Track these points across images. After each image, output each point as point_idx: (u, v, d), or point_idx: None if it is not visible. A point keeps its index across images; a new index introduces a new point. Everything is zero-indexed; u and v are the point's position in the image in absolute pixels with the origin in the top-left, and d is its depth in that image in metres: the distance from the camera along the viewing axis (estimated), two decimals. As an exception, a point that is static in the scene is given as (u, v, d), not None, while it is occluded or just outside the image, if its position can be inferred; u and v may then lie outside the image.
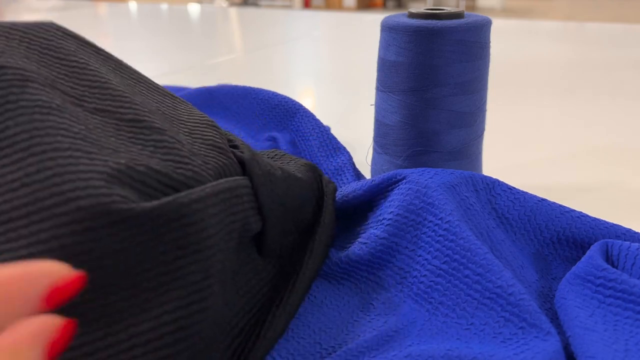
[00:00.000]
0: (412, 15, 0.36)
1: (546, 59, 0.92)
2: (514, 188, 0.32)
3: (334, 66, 0.92)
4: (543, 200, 0.32)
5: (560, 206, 0.31)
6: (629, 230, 0.30)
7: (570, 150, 0.50)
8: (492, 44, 0.37)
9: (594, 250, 0.27)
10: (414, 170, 0.32)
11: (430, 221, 0.29)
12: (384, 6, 5.26)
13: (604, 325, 0.24)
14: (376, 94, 0.39)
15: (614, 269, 0.26)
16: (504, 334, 0.24)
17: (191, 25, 1.42)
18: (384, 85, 0.37)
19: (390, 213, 0.31)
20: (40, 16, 1.53)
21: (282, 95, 0.50)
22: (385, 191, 0.33)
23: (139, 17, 1.55)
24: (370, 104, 0.41)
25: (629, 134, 0.55)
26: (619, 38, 1.10)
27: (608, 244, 0.28)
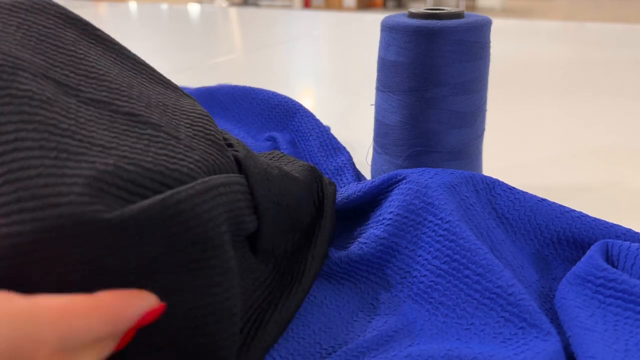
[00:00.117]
0: (412, 15, 0.36)
1: (546, 59, 0.92)
2: (514, 188, 0.32)
3: (334, 66, 0.92)
4: (543, 200, 0.32)
5: (561, 206, 0.31)
6: (629, 230, 0.30)
7: (570, 150, 0.50)
8: (492, 44, 0.37)
9: (594, 251, 0.27)
10: (414, 170, 0.32)
11: (430, 221, 0.29)
12: (384, 6, 5.26)
13: (604, 326, 0.24)
14: (376, 94, 0.39)
15: (614, 269, 0.26)
16: (504, 334, 0.24)
17: (191, 25, 1.42)
18: (384, 85, 0.37)
19: (390, 213, 0.31)
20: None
21: (282, 95, 0.50)
22: (385, 191, 0.33)
23: (139, 17, 1.55)
24: (370, 104, 0.41)
25: (629, 134, 0.55)
26: (619, 38, 1.10)
27: (608, 244, 0.28)
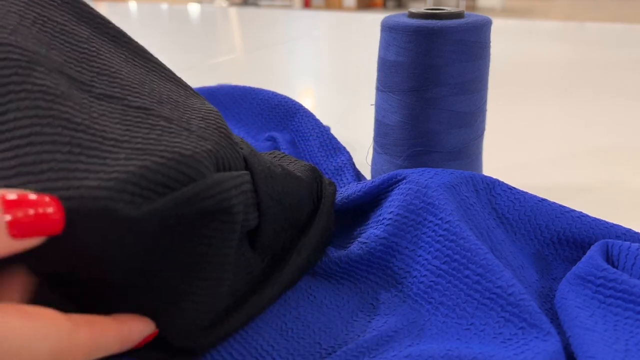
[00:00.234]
0: (412, 15, 0.36)
1: (546, 59, 0.92)
2: (514, 188, 0.32)
3: (334, 66, 0.92)
4: (543, 200, 0.32)
5: (561, 206, 0.31)
6: (629, 230, 0.30)
7: (570, 150, 0.50)
8: (492, 44, 0.37)
9: (594, 251, 0.27)
10: (414, 170, 0.32)
11: (430, 221, 0.29)
12: (384, 6, 5.26)
13: (604, 326, 0.24)
14: (376, 94, 0.39)
15: (614, 269, 0.26)
16: (504, 334, 0.24)
17: (191, 25, 1.42)
18: (384, 85, 0.37)
19: (390, 213, 0.31)
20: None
21: (282, 95, 0.50)
22: (385, 191, 0.33)
23: (139, 17, 1.55)
24: (370, 104, 0.41)
25: (629, 133, 0.54)
26: (619, 38, 1.09)
27: (608, 244, 0.28)
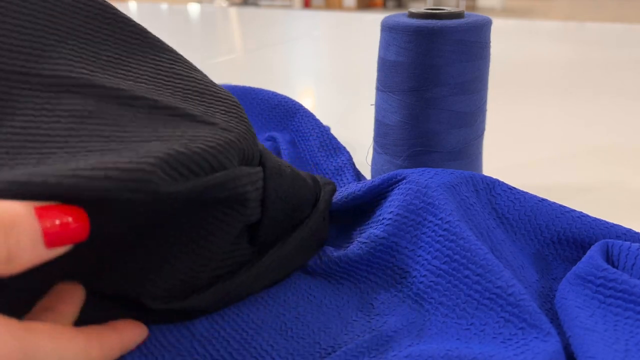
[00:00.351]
0: (412, 15, 0.36)
1: (546, 59, 0.92)
2: (514, 188, 0.32)
3: (334, 66, 0.92)
4: (543, 200, 0.32)
5: (561, 206, 0.31)
6: (629, 230, 0.30)
7: (570, 150, 0.50)
8: (492, 44, 0.37)
9: (594, 251, 0.27)
10: (414, 170, 0.32)
11: (430, 221, 0.29)
12: (384, 6, 5.26)
13: (604, 326, 0.24)
14: (376, 94, 0.39)
15: (614, 269, 0.25)
16: (504, 334, 0.24)
17: (191, 25, 1.42)
18: (384, 85, 0.37)
19: (390, 213, 0.31)
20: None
21: (282, 95, 0.50)
22: (385, 191, 0.33)
23: (139, 17, 1.55)
24: (370, 104, 0.41)
25: (629, 133, 0.54)
26: (619, 38, 1.09)
27: (608, 244, 0.28)
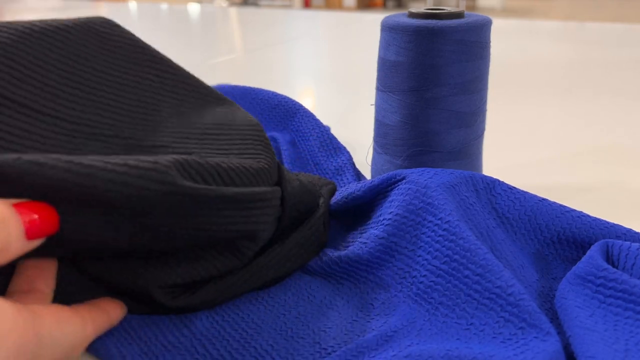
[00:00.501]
0: (412, 15, 0.36)
1: (546, 59, 0.92)
2: (514, 188, 0.32)
3: (334, 66, 0.92)
4: (543, 200, 0.32)
5: (561, 206, 0.31)
6: (629, 230, 0.30)
7: (570, 150, 0.50)
8: (492, 44, 0.37)
9: (594, 250, 0.27)
10: (413, 170, 0.32)
11: (430, 221, 0.29)
12: (384, 6, 5.25)
13: (604, 325, 0.24)
14: (376, 94, 0.39)
15: (614, 269, 0.25)
16: (504, 334, 0.24)
17: (191, 25, 1.42)
18: (384, 85, 0.37)
19: (390, 213, 0.31)
20: (40, 16, 1.52)
21: (282, 95, 0.50)
22: (384, 191, 0.33)
23: (139, 17, 1.55)
24: (370, 104, 0.41)
25: (629, 134, 0.54)
26: (620, 38, 1.09)
27: (608, 244, 0.28)
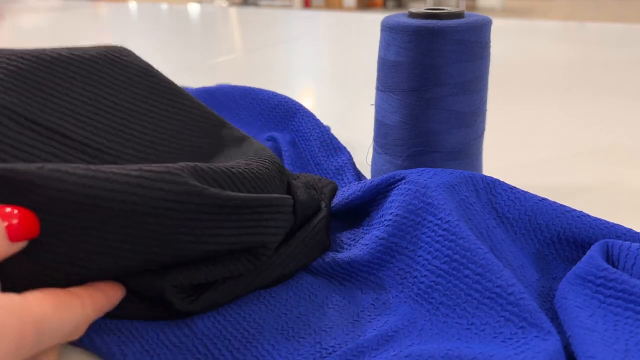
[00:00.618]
0: (412, 15, 0.36)
1: (546, 59, 0.92)
2: (515, 188, 0.32)
3: (334, 66, 0.92)
4: (543, 199, 0.32)
5: (561, 206, 0.31)
6: (629, 230, 0.30)
7: (570, 150, 0.50)
8: (492, 44, 0.37)
9: (594, 250, 0.27)
10: (413, 170, 0.32)
11: (430, 221, 0.29)
12: (384, 6, 5.25)
13: (604, 325, 0.24)
14: (376, 94, 0.39)
15: (614, 269, 0.26)
16: (505, 333, 0.24)
17: (191, 25, 1.42)
18: (384, 85, 0.37)
19: (390, 214, 0.31)
20: (40, 16, 1.53)
21: (282, 95, 0.50)
22: (384, 191, 0.33)
23: (139, 17, 1.55)
24: (370, 104, 0.41)
25: (630, 134, 0.54)
26: (620, 38, 1.09)
27: (608, 244, 0.28)
